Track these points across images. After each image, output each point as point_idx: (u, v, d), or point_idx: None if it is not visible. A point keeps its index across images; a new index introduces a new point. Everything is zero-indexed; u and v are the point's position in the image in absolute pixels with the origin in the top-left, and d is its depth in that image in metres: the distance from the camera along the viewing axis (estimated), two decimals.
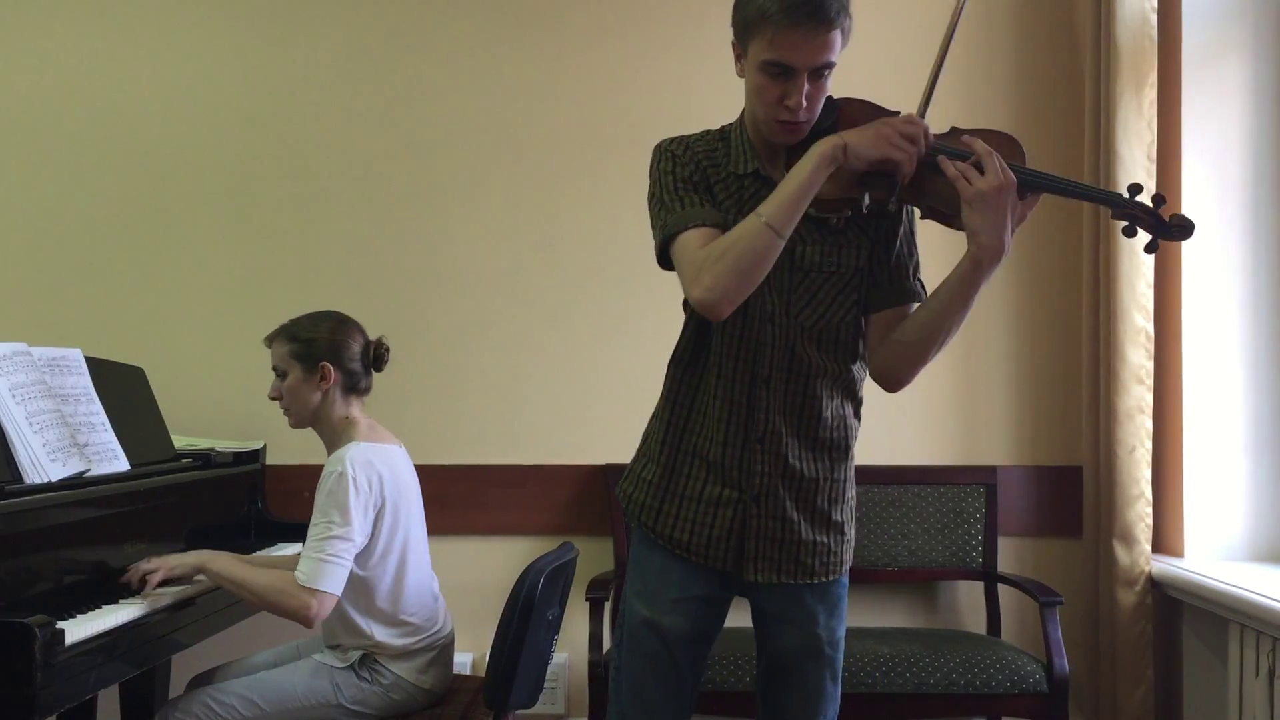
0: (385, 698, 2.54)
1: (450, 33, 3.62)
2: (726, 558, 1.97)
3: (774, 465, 1.95)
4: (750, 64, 1.85)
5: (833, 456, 2.01)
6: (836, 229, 1.93)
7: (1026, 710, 3.03)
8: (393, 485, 2.53)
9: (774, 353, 1.94)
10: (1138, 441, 3.23)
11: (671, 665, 1.99)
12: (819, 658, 2.00)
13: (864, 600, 3.57)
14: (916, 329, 1.93)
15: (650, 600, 2.01)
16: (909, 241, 2.01)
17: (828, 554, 2.00)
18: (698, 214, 1.88)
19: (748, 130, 1.96)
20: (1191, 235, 1.85)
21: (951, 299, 1.86)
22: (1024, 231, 3.57)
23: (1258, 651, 2.77)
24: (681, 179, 1.93)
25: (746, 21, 1.83)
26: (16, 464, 2.32)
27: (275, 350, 2.63)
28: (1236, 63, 3.22)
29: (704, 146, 1.98)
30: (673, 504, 2.00)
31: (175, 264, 3.61)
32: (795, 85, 1.81)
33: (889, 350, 1.97)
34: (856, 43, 1.95)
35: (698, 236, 1.85)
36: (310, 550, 2.41)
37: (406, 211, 3.63)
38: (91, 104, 3.62)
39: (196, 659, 2.92)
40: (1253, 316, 3.22)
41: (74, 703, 2.16)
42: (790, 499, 1.97)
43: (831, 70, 1.84)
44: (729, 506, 1.97)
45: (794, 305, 1.94)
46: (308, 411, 2.61)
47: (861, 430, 3.60)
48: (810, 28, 1.76)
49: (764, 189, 1.91)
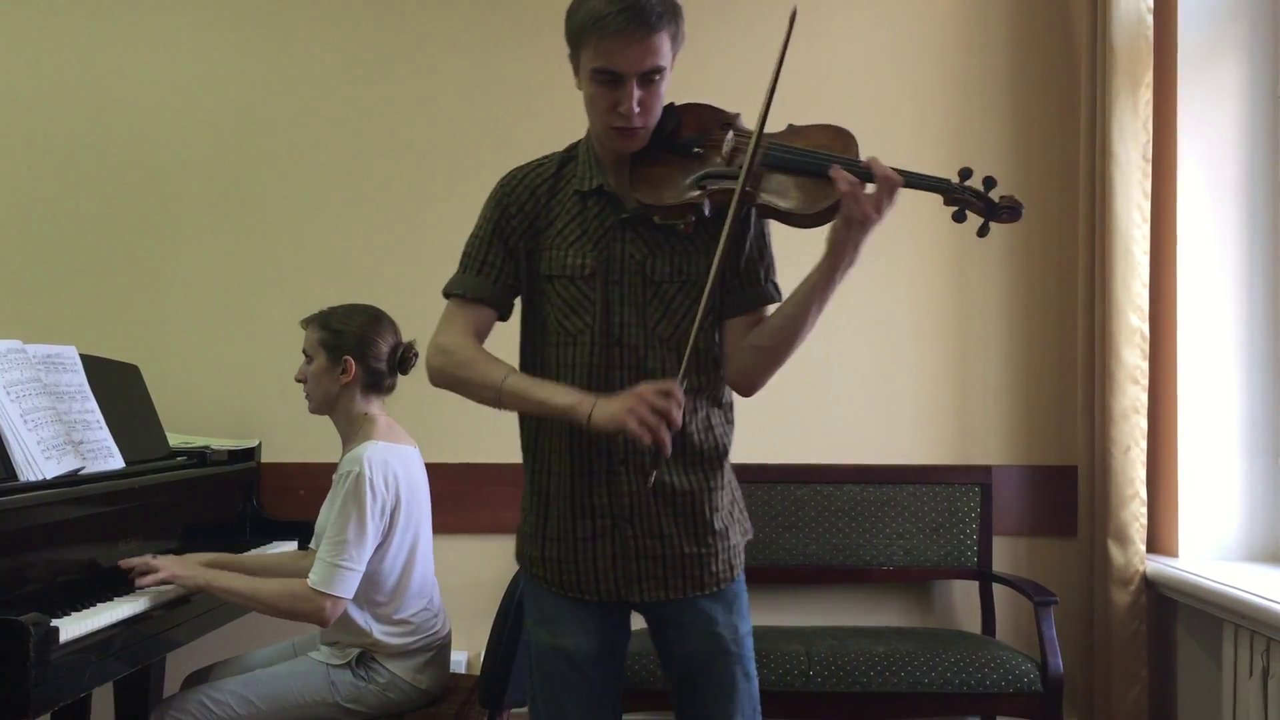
0: (381, 696, 2.54)
1: (450, 32, 3.62)
2: (617, 587, 1.96)
3: (642, 484, 1.93)
4: (583, 74, 1.87)
5: (705, 466, 1.98)
6: (685, 237, 1.92)
7: (1021, 709, 3.04)
8: (407, 486, 2.54)
9: (625, 374, 1.91)
10: (1132, 441, 3.23)
11: (586, 685, 1.97)
12: (725, 655, 1.97)
13: (858, 599, 3.58)
14: (773, 333, 1.91)
15: (551, 626, 1.98)
16: (759, 244, 1.98)
17: (714, 562, 1.97)
18: (470, 285, 1.97)
19: (593, 145, 1.97)
20: (1020, 217, 1.82)
21: (809, 305, 1.85)
22: (1019, 232, 3.60)
23: (1251, 651, 2.77)
24: (490, 228, 1.98)
25: (574, 32, 1.85)
26: (11, 461, 2.31)
27: (308, 334, 2.63)
28: (1232, 63, 3.22)
29: (544, 174, 1.99)
30: (552, 548, 1.98)
31: (171, 262, 3.61)
32: (625, 91, 1.82)
33: (745, 355, 1.95)
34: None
35: (460, 309, 1.97)
36: (326, 554, 2.42)
37: (404, 210, 3.62)
38: (87, 101, 3.61)
39: (192, 657, 2.91)
40: (1247, 316, 3.22)
41: (68, 700, 2.16)
42: (666, 515, 1.95)
43: (663, 75, 1.85)
44: (604, 536, 1.94)
45: (650, 319, 1.92)
46: (326, 399, 2.61)
47: (857, 429, 3.63)
48: (632, 32, 1.78)
49: (607, 205, 1.93)
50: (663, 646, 2.04)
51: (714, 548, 1.98)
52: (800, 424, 3.59)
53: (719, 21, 3.58)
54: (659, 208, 1.88)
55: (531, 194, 1.97)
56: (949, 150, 3.61)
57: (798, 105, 3.56)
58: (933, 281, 3.62)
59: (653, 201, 1.89)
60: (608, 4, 1.78)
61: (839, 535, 3.49)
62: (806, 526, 3.50)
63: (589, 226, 1.93)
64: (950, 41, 3.63)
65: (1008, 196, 1.83)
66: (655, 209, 1.88)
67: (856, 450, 3.60)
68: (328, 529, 2.44)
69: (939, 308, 3.60)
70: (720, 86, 2.27)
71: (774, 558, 3.48)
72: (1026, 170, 3.61)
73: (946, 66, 3.63)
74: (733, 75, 3.28)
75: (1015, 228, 3.56)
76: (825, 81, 3.60)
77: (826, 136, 1.88)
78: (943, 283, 3.62)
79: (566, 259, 1.93)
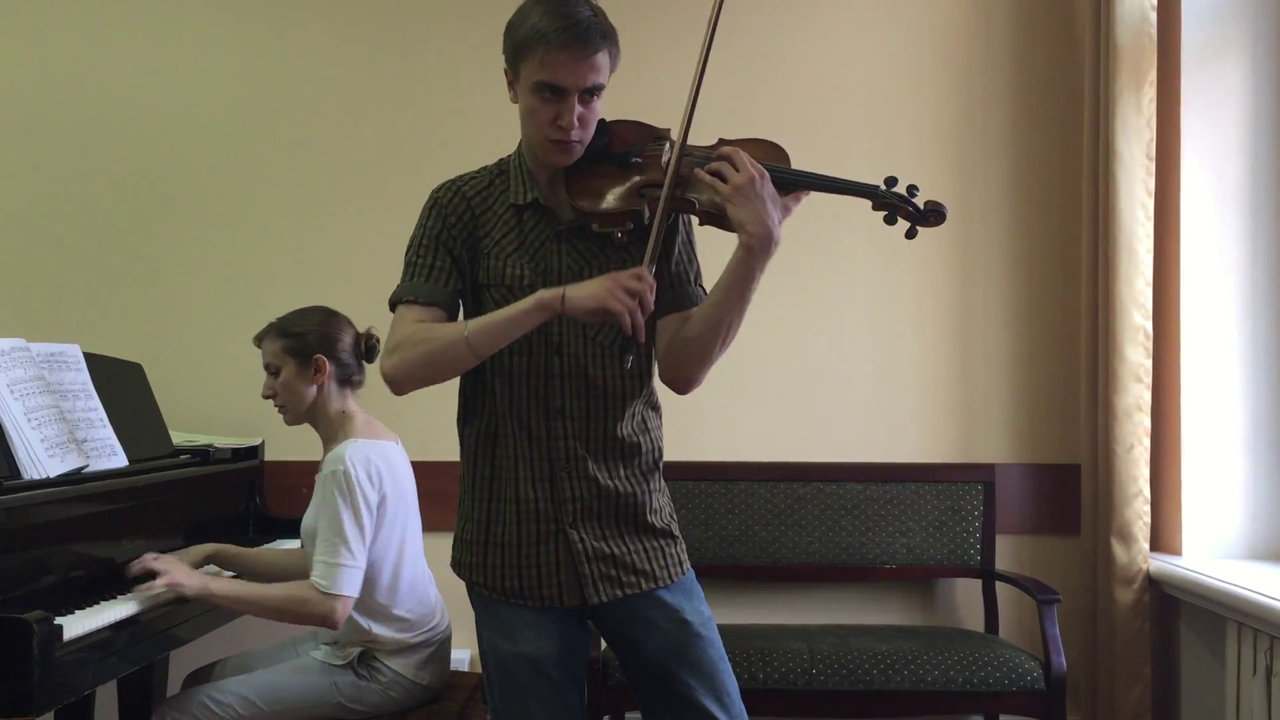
0: (383, 695, 2.54)
1: (449, 31, 3.62)
2: (563, 593, 1.95)
3: (585, 489, 1.95)
4: (523, 87, 1.91)
5: (642, 468, 2.01)
6: (621, 245, 1.96)
7: (1024, 708, 3.04)
8: (391, 482, 2.53)
9: (565, 383, 1.94)
10: (1136, 440, 3.23)
11: (551, 688, 1.96)
12: (699, 639, 1.97)
13: (862, 597, 3.58)
14: (699, 324, 1.93)
15: (509, 634, 1.97)
16: (687, 249, 2.04)
17: (664, 556, 1.99)
18: (421, 290, 1.95)
19: (526, 159, 2.00)
20: (944, 220, 1.88)
21: (730, 290, 1.87)
22: (1022, 229, 3.60)
23: (1255, 650, 2.77)
24: (432, 236, 1.98)
25: (517, 45, 1.89)
26: (15, 460, 2.31)
27: (266, 347, 2.62)
28: (1236, 61, 3.22)
29: (477, 186, 2.02)
30: (495, 554, 1.98)
31: (174, 260, 3.61)
32: (567, 105, 1.87)
33: (674, 351, 1.97)
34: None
35: (410, 313, 1.94)
36: (324, 554, 2.41)
37: (406, 209, 3.60)
38: (90, 100, 3.61)
39: (194, 655, 2.92)
40: (1251, 315, 3.22)
41: (72, 699, 2.15)
42: (610, 517, 1.97)
43: (601, 92, 1.90)
44: (550, 541, 1.95)
45: (590, 326, 1.94)
46: (303, 406, 2.60)
47: (860, 427, 3.63)
48: (578, 48, 1.84)
49: (543, 218, 1.97)
50: (628, 650, 2.02)
51: (660, 543, 2.00)
52: (803, 422, 3.59)
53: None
54: (598, 214, 1.91)
55: (467, 204, 2.00)
56: (951, 149, 3.61)
57: (800, 105, 3.60)
58: (935, 279, 3.62)
59: (592, 209, 1.92)
60: (553, 20, 1.84)
61: (842, 533, 3.49)
62: (809, 525, 3.50)
63: (526, 239, 1.97)
64: (953, 40, 3.63)
65: (932, 201, 1.89)
66: (595, 216, 1.92)
67: (859, 448, 3.59)
68: (320, 530, 2.44)
69: (942, 306, 3.60)
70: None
71: (777, 556, 3.48)
72: (1030, 168, 3.60)
73: (949, 65, 3.63)
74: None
75: (1019, 225, 3.61)
76: (827, 81, 3.60)
77: (759, 150, 1.91)
78: (945, 281, 3.61)
79: (505, 269, 1.96)
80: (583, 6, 1.87)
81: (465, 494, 2.04)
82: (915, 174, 3.53)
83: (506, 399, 1.96)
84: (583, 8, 1.86)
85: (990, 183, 3.62)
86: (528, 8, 1.90)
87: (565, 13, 1.85)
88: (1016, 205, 3.61)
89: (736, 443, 3.56)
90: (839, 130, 3.56)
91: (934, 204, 1.89)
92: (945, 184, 3.61)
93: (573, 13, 1.85)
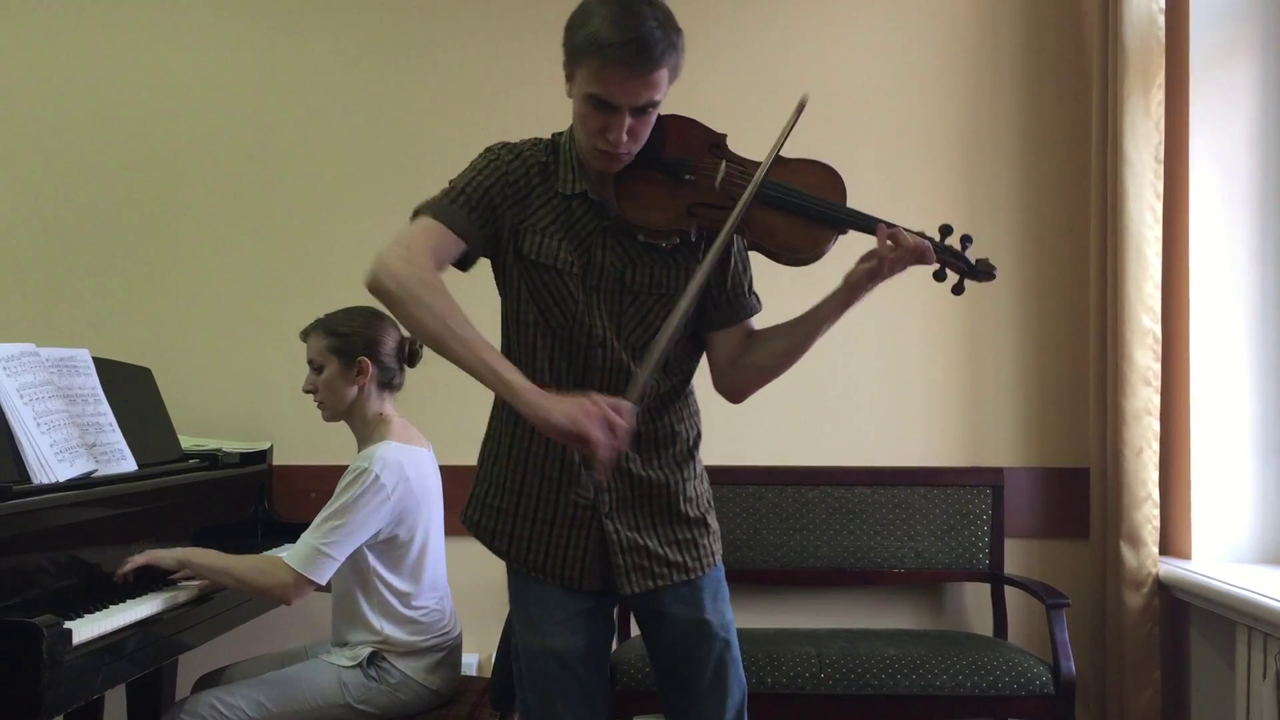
0: (392, 697, 2.54)
1: (457, 31, 3.62)
2: (585, 577, 1.95)
3: (620, 480, 1.94)
4: (577, 90, 1.84)
5: (677, 459, 2.01)
6: (666, 252, 1.94)
7: (1033, 712, 3.02)
8: (419, 488, 2.55)
9: (605, 375, 1.92)
10: (1145, 443, 3.22)
11: (577, 685, 1.97)
12: (711, 640, 1.97)
13: (870, 602, 3.57)
14: (773, 356, 1.97)
15: (537, 628, 1.98)
16: (742, 257, 2.03)
17: (696, 548, 2.00)
18: (458, 217, 1.86)
19: (577, 147, 1.93)
20: (995, 278, 1.92)
21: (814, 333, 1.93)
22: (1031, 233, 3.60)
23: (1265, 654, 2.76)
24: (483, 184, 1.90)
25: (575, 48, 1.82)
26: (24, 464, 2.32)
27: (311, 344, 2.65)
28: (1244, 64, 3.21)
29: (535, 159, 1.95)
30: (525, 526, 1.97)
31: (183, 265, 3.62)
32: (616, 121, 1.80)
33: (741, 373, 2.00)
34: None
35: (434, 231, 1.84)
36: (310, 535, 2.43)
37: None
38: (99, 104, 3.62)
39: (203, 659, 2.92)
40: (1260, 318, 3.21)
41: (81, 702, 2.17)
42: (645, 506, 1.97)
43: (656, 106, 1.83)
44: (582, 526, 1.95)
45: (625, 328, 1.94)
46: (343, 405, 2.63)
47: (868, 431, 3.63)
48: (636, 66, 1.75)
49: (591, 211, 1.92)
50: (650, 635, 2.04)
51: (695, 533, 2.00)
52: (811, 426, 3.59)
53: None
54: (644, 228, 1.90)
55: (526, 173, 1.93)
56: (960, 152, 3.61)
57: (807, 109, 3.58)
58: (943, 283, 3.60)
59: (639, 221, 1.90)
60: (613, 31, 1.75)
61: (850, 537, 3.49)
62: (817, 529, 3.49)
63: (573, 227, 1.92)
64: (960, 43, 3.63)
65: (984, 259, 1.91)
66: (641, 227, 1.90)
67: (867, 452, 3.59)
68: (321, 512, 2.46)
69: (949, 309, 3.59)
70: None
71: (785, 560, 3.48)
72: (1038, 172, 3.60)
73: (957, 69, 3.63)
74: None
75: (1028, 229, 3.61)
76: (835, 84, 3.59)
77: (816, 176, 1.91)
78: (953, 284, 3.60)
79: (557, 251, 1.90)
80: (648, 16, 1.76)
81: (493, 457, 2.02)
82: (922, 177, 3.58)
83: (550, 382, 1.90)
84: (648, 18, 1.76)
85: (998, 186, 3.61)
86: (590, 7, 1.80)
87: (628, 23, 1.74)
88: (1024, 208, 3.61)
89: (744, 446, 3.55)
90: (847, 134, 3.55)
91: (985, 261, 1.90)
92: (953, 187, 3.61)
93: (636, 24, 1.74)
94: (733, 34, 3.59)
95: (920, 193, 3.59)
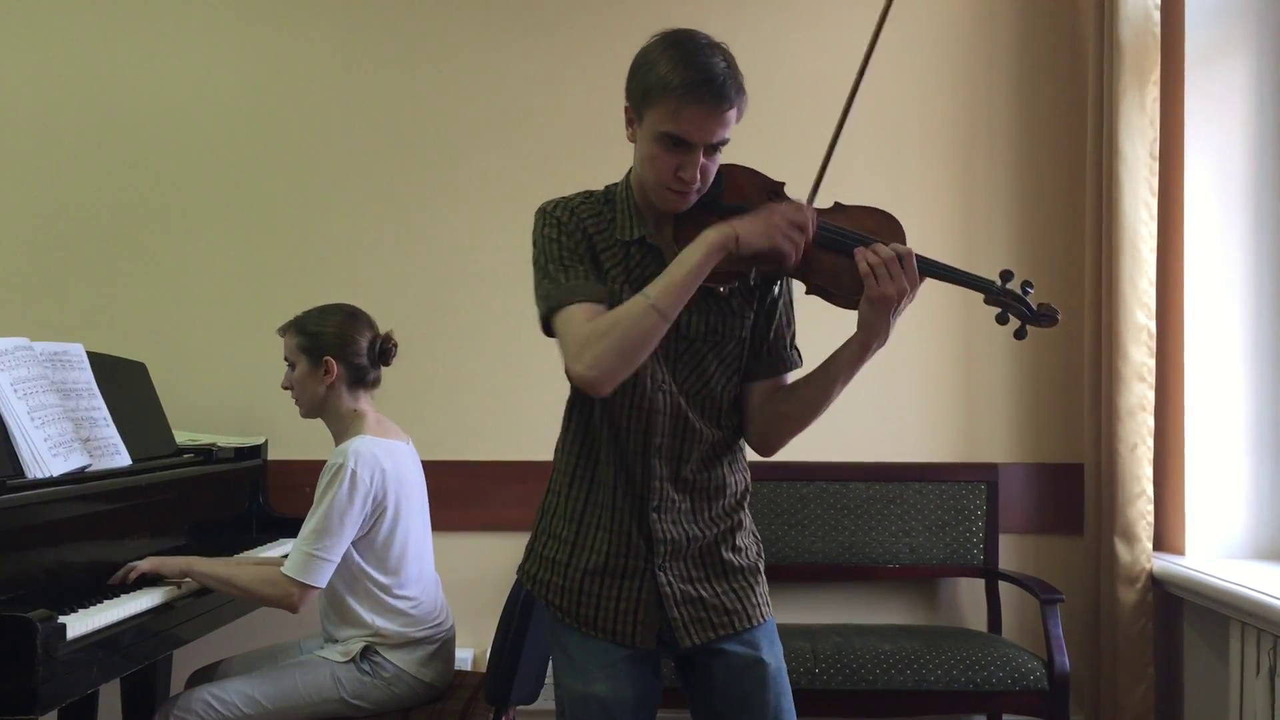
0: (386, 691, 2.54)
1: (453, 30, 3.62)
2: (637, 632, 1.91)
3: (675, 531, 1.92)
4: (646, 132, 1.84)
5: (727, 507, 1.99)
6: (722, 298, 1.93)
7: (1027, 707, 3.04)
8: (395, 480, 2.55)
9: (666, 420, 1.91)
10: (1139, 439, 3.23)
11: None
12: (767, 683, 1.93)
13: (865, 597, 3.58)
14: (801, 403, 1.95)
15: (581, 674, 1.92)
16: (788, 312, 2.03)
17: (753, 594, 1.97)
18: (583, 288, 1.84)
19: (634, 194, 1.93)
20: (1056, 323, 1.93)
21: (837, 379, 1.91)
22: (1026, 230, 3.60)
23: (1258, 649, 2.77)
24: (567, 248, 1.88)
25: (646, 90, 1.82)
26: (18, 459, 2.32)
27: (286, 342, 2.68)
28: (1239, 60, 3.22)
29: (589, 211, 1.93)
30: (575, 579, 1.93)
31: (177, 259, 3.61)
32: (691, 159, 1.81)
33: (769, 421, 1.99)
34: None
35: (582, 312, 1.81)
36: (301, 543, 2.46)
37: (409, 208, 3.63)
38: (94, 100, 3.62)
39: (197, 654, 2.92)
40: (1255, 314, 3.21)
41: (76, 697, 2.16)
42: (695, 557, 1.94)
43: (725, 145, 1.85)
44: (636, 578, 1.91)
45: (679, 373, 1.92)
46: (315, 403, 2.66)
47: (863, 427, 3.63)
48: (715, 105, 1.78)
49: (650, 257, 1.90)
50: (698, 681, 1.98)
51: (746, 581, 1.98)
52: None
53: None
54: None
55: (582, 227, 1.91)
56: (955, 148, 3.61)
57: (804, 107, 3.59)
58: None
59: None
60: (685, 72, 1.77)
61: (845, 533, 3.49)
62: (812, 524, 3.50)
63: (632, 274, 1.90)
64: (956, 40, 3.63)
65: (1046, 304, 1.93)
66: None
67: (862, 448, 3.59)
68: (308, 517, 2.48)
69: (944, 304, 3.59)
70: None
71: (780, 555, 3.48)
72: (1034, 168, 3.60)
73: (952, 65, 3.63)
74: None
75: (1023, 225, 3.61)
76: (831, 79, 3.58)
77: (874, 220, 1.91)
78: None
79: (619, 296, 1.87)
80: (717, 57, 1.80)
81: (551, 511, 1.99)
82: (918, 173, 3.58)
83: (614, 426, 1.90)
84: (717, 59, 1.80)
85: (994, 182, 3.61)
86: (655, 52, 1.83)
87: (699, 64, 1.78)
88: (1020, 204, 3.61)
89: None
90: (844, 131, 3.54)
91: (1047, 306, 1.91)
92: (949, 183, 3.61)
93: (707, 65, 1.78)
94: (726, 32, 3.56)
95: (916, 189, 3.59)
